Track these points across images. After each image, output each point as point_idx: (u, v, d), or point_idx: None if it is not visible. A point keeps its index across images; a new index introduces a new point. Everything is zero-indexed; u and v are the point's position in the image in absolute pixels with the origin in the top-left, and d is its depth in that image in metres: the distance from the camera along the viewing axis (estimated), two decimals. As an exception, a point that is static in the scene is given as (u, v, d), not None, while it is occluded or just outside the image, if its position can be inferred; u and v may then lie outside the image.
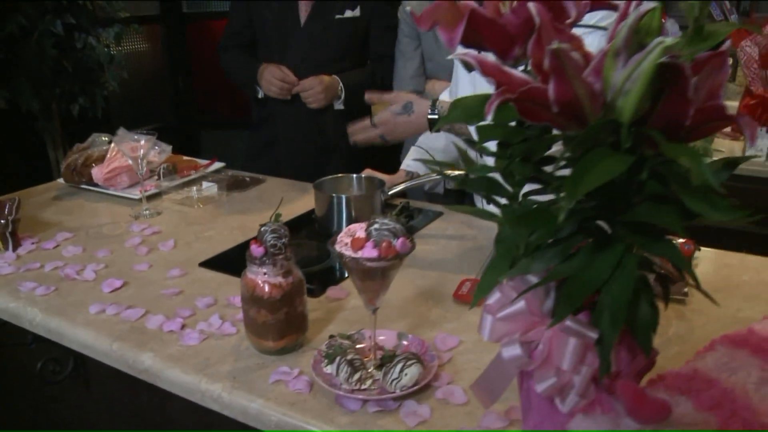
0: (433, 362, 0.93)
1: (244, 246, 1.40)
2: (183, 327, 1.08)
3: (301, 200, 1.69)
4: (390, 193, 1.49)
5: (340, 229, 1.44)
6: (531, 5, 0.58)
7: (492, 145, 0.69)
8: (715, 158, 1.84)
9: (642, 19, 0.52)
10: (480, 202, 1.53)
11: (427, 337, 1.03)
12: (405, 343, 0.98)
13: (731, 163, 0.60)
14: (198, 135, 3.28)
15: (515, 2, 0.63)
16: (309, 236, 1.48)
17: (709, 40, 0.67)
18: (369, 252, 0.82)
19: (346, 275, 1.25)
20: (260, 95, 2.15)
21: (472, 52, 0.58)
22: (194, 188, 1.77)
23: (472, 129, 1.29)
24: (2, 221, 1.39)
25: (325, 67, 2.08)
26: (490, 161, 0.69)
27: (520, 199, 0.69)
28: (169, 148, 1.82)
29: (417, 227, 1.51)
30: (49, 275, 1.29)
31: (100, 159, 1.76)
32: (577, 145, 0.52)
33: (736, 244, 2.04)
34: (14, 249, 1.40)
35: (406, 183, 1.51)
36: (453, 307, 1.14)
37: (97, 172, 1.72)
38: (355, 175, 1.57)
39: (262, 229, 0.96)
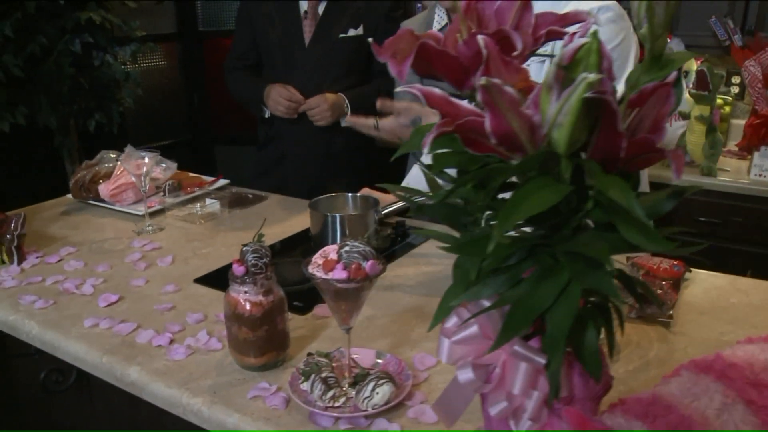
0: (408, 381, 0.94)
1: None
2: (171, 342, 1.11)
3: (299, 218, 1.72)
4: (384, 212, 1.51)
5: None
6: (480, 38, 0.60)
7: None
8: (720, 178, 1.83)
9: (577, 54, 0.53)
10: None
11: (407, 356, 1.04)
12: (380, 361, 1.00)
13: (678, 192, 0.61)
14: (212, 150, 3.35)
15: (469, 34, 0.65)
16: (304, 254, 1.50)
17: (666, 68, 0.68)
18: (339, 273, 0.84)
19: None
20: (266, 115, 2.20)
21: (418, 85, 0.60)
22: (197, 205, 1.81)
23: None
24: (8, 236, 1.43)
25: (330, 86, 2.12)
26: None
27: (483, 224, 0.70)
28: (174, 165, 1.87)
29: (413, 245, 1.53)
30: (49, 289, 1.33)
31: (108, 176, 1.81)
32: (515, 174, 0.53)
33: (741, 264, 2.03)
34: (19, 263, 1.44)
35: (400, 203, 1.53)
36: (436, 327, 1.15)
37: (104, 189, 1.77)
38: (350, 195, 1.59)
39: (244, 248, 0.99)
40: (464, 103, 0.60)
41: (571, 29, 0.68)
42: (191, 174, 2.02)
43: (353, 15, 2.07)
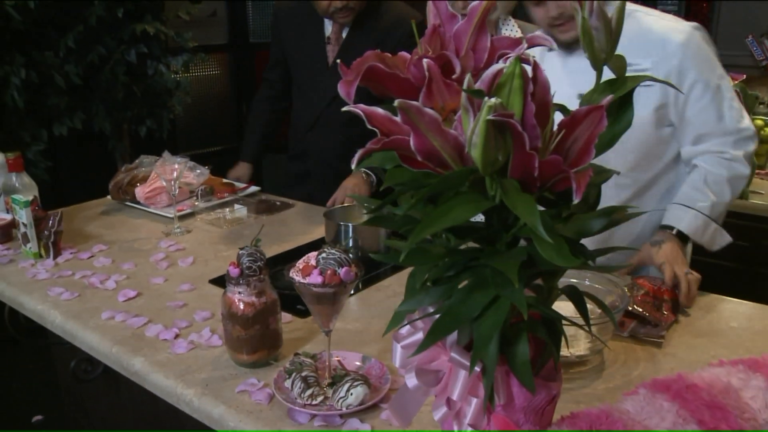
0: (386, 385, 0.98)
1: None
2: (176, 336, 1.19)
3: (318, 226, 1.78)
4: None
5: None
6: (424, 61, 0.64)
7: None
8: (753, 200, 1.80)
9: (496, 77, 0.57)
10: None
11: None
12: (361, 365, 1.04)
13: (606, 213, 0.63)
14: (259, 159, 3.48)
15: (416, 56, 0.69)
16: (317, 260, 1.56)
17: (619, 90, 0.71)
18: (314, 278, 0.89)
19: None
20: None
21: (362, 105, 0.64)
22: (226, 210, 1.90)
23: None
24: (46, 232, 1.55)
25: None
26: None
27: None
28: (207, 171, 1.96)
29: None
30: (76, 282, 1.44)
31: (145, 179, 1.92)
32: (431, 189, 0.57)
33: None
34: (54, 257, 1.56)
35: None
36: (428, 335, 1.18)
37: (140, 191, 1.88)
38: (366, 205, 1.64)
39: (240, 252, 1.05)
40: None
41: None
42: (224, 180, 2.12)
43: (374, 40, 2.08)
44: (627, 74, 0.69)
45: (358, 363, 1.06)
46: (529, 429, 0.71)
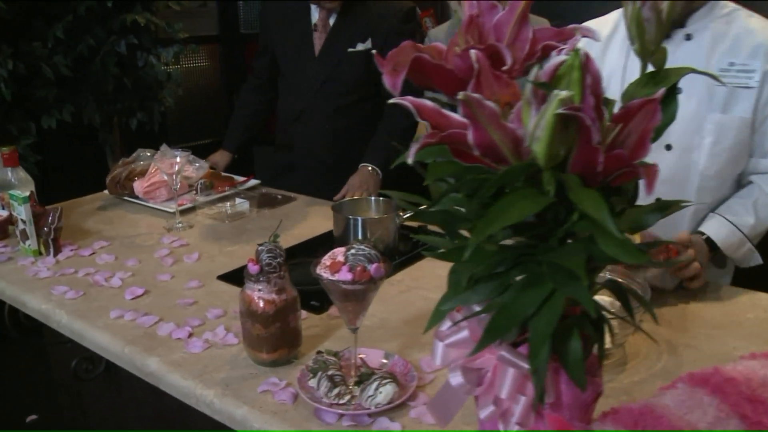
0: (412, 382, 0.97)
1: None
2: (190, 335, 1.16)
3: (323, 219, 1.76)
4: (405, 216, 1.54)
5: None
6: (472, 52, 0.62)
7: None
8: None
9: (558, 70, 0.55)
10: None
11: (415, 358, 1.07)
12: (385, 362, 1.02)
13: (662, 207, 0.62)
14: (250, 150, 3.42)
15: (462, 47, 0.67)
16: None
17: (662, 83, 0.69)
18: (344, 275, 0.87)
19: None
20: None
21: (410, 97, 0.62)
22: (227, 204, 1.86)
23: None
24: (45, 229, 1.51)
25: (337, 99, 2.12)
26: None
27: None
28: (206, 164, 1.93)
29: (430, 250, 1.54)
30: (80, 280, 1.40)
31: (143, 173, 1.88)
32: (491, 184, 0.56)
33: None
34: (55, 254, 1.52)
35: (422, 207, 1.55)
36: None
37: (138, 186, 1.84)
38: (373, 198, 1.62)
39: (259, 248, 1.03)
40: (455, 115, 0.62)
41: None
42: (223, 174, 2.09)
43: (363, 29, 2.06)
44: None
45: (382, 360, 1.04)
46: (579, 427, 0.70)
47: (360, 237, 1.51)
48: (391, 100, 0.65)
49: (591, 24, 1.47)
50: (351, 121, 2.15)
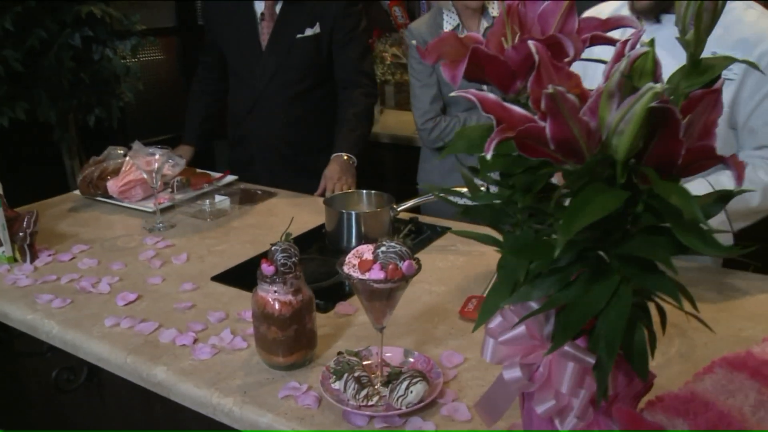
0: (439, 379, 0.95)
1: (256, 260, 1.44)
2: (195, 341, 1.11)
3: (309, 214, 1.72)
4: (399, 209, 1.52)
5: (349, 245, 1.48)
6: (531, 43, 0.60)
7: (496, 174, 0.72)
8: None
9: (635, 62, 0.54)
10: None
11: (433, 354, 1.05)
12: (411, 360, 1.01)
13: (724, 197, 0.62)
14: (211, 145, 3.33)
15: (517, 39, 0.66)
16: (320, 251, 1.51)
17: (705, 74, 0.69)
18: (376, 274, 0.84)
19: (355, 291, 1.28)
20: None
21: (473, 89, 0.60)
22: (207, 201, 1.80)
23: None
24: (20, 234, 1.43)
25: (290, 87, 2.08)
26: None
27: (523, 228, 0.71)
28: (183, 161, 1.86)
29: (426, 243, 1.53)
30: (65, 288, 1.33)
31: (115, 172, 1.80)
32: (575, 179, 0.54)
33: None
34: (32, 261, 1.44)
35: (416, 200, 1.54)
36: (459, 323, 1.16)
37: (112, 185, 1.76)
38: (365, 191, 1.60)
39: (273, 248, 0.99)
40: (516, 108, 0.61)
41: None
42: (198, 170, 2.02)
43: (309, 14, 2.02)
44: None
45: (403, 358, 1.02)
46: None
47: (354, 232, 1.48)
48: (453, 93, 0.63)
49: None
50: (305, 109, 2.12)
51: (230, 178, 1.99)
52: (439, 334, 1.13)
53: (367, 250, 0.89)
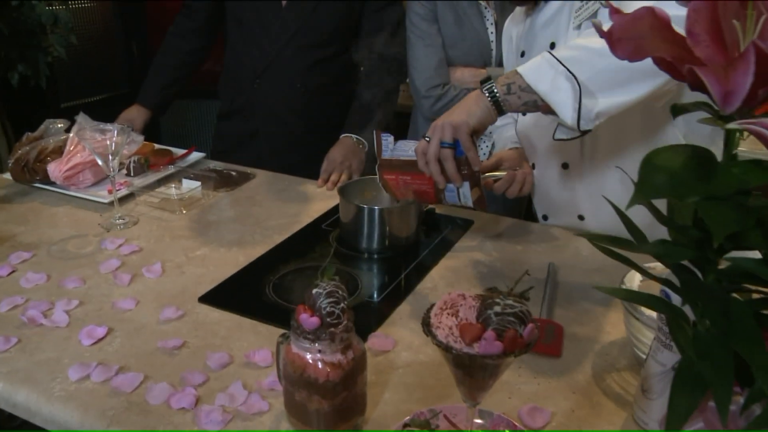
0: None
1: (250, 272, 1.17)
2: (197, 402, 0.84)
3: (306, 203, 1.44)
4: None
5: (371, 245, 1.22)
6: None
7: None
8: None
9: None
10: None
11: (506, 407, 0.82)
12: (480, 421, 0.77)
13: None
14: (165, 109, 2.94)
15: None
16: (334, 254, 1.24)
17: None
18: (491, 347, 0.59)
19: (390, 314, 1.03)
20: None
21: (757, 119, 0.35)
22: (173, 187, 1.49)
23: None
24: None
25: (311, 52, 1.76)
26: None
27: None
28: (141, 138, 1.53)
29: (448, 244, 1.28)
30: (5, 318, 1.02)
31: (57, 152, 1.46)
32: None
33: None
34: (-43, 279, 1.11)
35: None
36: (526, 359, 0.93)
37: (55, 169, 1.42)
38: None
39: (315, 292, 0.72)
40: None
41: None
42: (157, 146, 1.69)
43: None
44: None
45: (476, 420, 0.79)
46: None
47: (377, 229, 1.22)
48: (731, 125, 0.37)
49: None
50: (327, 78, 1.79)
51: (197, 155, 1.68)
52: (504, 378, 0.90)
53: (465, 305, 0.64)
